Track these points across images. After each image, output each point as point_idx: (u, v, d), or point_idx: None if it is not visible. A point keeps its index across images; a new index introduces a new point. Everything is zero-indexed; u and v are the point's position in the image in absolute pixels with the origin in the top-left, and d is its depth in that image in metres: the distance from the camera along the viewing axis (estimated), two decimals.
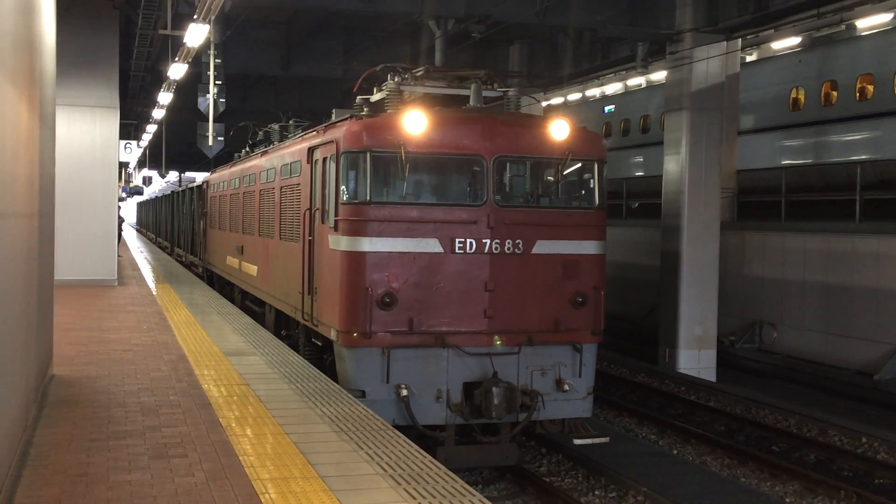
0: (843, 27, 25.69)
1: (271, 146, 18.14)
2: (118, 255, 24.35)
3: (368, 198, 10.87)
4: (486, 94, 12.26)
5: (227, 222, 21.55)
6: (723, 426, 16.22)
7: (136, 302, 19.29)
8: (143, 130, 46.07)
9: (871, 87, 21.20)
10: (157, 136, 46.17)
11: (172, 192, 44.67)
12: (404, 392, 10.68)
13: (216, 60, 24.45)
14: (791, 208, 21.81)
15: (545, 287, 11.16)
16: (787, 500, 12.19)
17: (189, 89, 28.22)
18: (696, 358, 21.56)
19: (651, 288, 24.10)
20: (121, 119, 24.93)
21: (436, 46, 22.94)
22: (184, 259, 34.60)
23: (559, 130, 11.34)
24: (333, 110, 14.27)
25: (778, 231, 21.57)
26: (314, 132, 13.45)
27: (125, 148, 32.72)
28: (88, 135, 22.24)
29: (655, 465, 13.12)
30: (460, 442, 11.20)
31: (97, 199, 22.16)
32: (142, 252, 41.12)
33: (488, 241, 10.90)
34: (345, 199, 11.10)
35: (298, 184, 13.54)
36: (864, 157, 20.72)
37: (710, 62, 22.16)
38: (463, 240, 10.85)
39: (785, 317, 20.99)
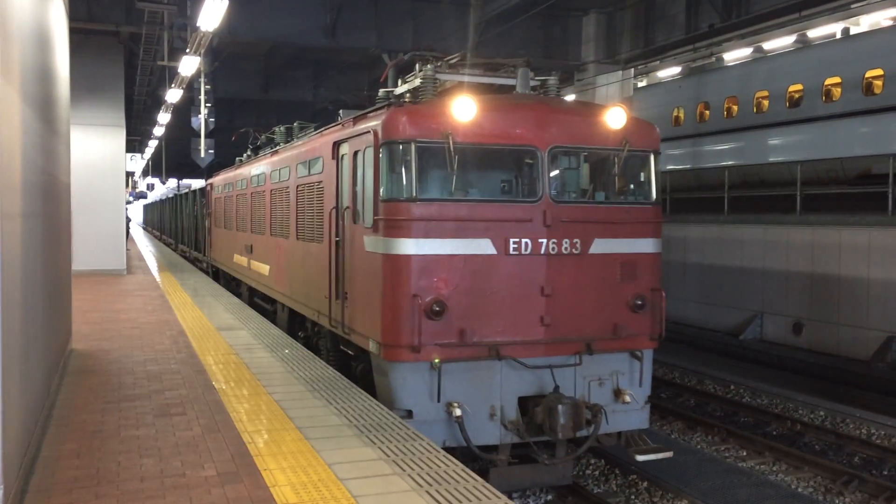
0: (714, 59, 26.17)
1: (279, 147, 15.09)
2: (126, 249, 23.97)
3: (413, 194, 8.01)
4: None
5: (234, 222, 18.59)
6: None
7: (142, 288, 18.93)
8: (146, 145, 45.22)
9: (735, 107, 21.60)
10: (157, 149, 45.33)
11: (176, 194, 42.47)
12: (457, 411, 7.96)
13: (206, 86, 24.15)
14: (674, 204, 22.17)
15: (603, 290, 8.57)
16: (674, 436, 12.39)
17: (184, 110, 27.84)
18: None
19: None
20: (127, 135, 24.61)
21: (388, 75, 22.83)
22: (188, 255, 32.33)
23: (616, 118, 8.72)
24: (341, 111, 11.55)
25: (664, 223, 21.83)
26: (338, 126, 10.36)
27: (131, 159, 32.12)
28: (100, 149, 22.09)
29: None
30: (513, 462, 8.55)
31: (108, 202, 22.09)
32: (147, 247, 40.33)
33: (545, 241, 8.27)
34: (385, 196, 8.20)
35: (320, 181, 10.63)
36: (730, 162, 21.12)
37: (610, 87, 22.56)
38: (517, 240, 8.20)
39: (672, 291, 21.38)
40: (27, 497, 5.31)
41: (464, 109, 8.07)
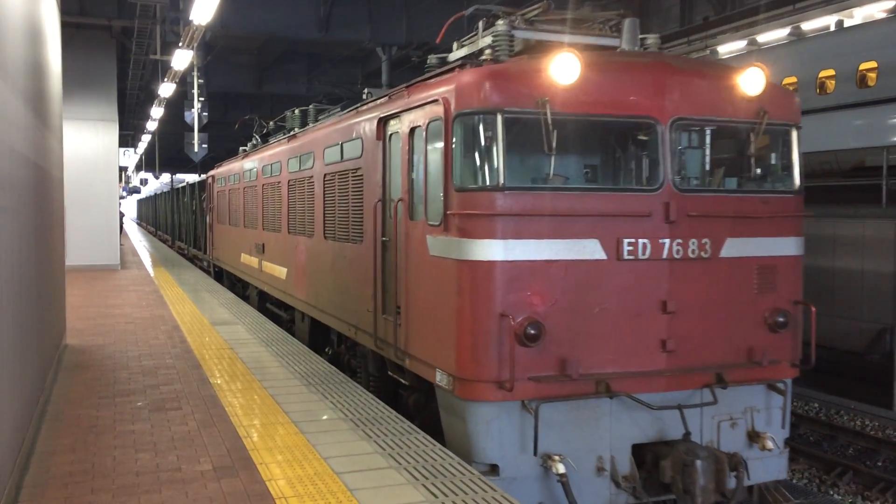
0: (708, 52, 26.24)
1: (296, 132, 12.91)
2: (120, 244, 23.93)
3: (501, 181, 6.07)
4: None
5: (241, 218, 16.48)
6: None
7: (136, 283, 18.88)
8: (139, 139, 45.05)
9: None
10: (150, 143, 45.20)
11: (172, 188, 40.94)
12: (559, 467, 6.08)
13: (199, 81, 24.09)
14: None
15: (736, 304, 6.68)
16: None
17: (177, 105, 27.79)
18: None
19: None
20: (120, 130, 24.55)
21: (382, 69, 22.82)
22: (186, 252, 30.94)
23: (753, 81, 6.70)
24: (365, 91, 9.90)
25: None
26: (383, 99, 8.34)
27: (124, 154, 32.03)
28: (92, 144, 22.06)
29: None
30: None
31: (101, 197, 22.08)
32: (141, 242, 40.25)
33: (667, 242, 6.37)
34: (460, 184, 6.28)
35: (358, 168, 8.67)
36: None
37: None
38: (633, 240, 6.30)
39: None
40: (22, 492, 5.31)
41: (565, 68, 6.09)
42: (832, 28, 22.66)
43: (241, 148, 19.08)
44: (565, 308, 6.18)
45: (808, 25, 24.82)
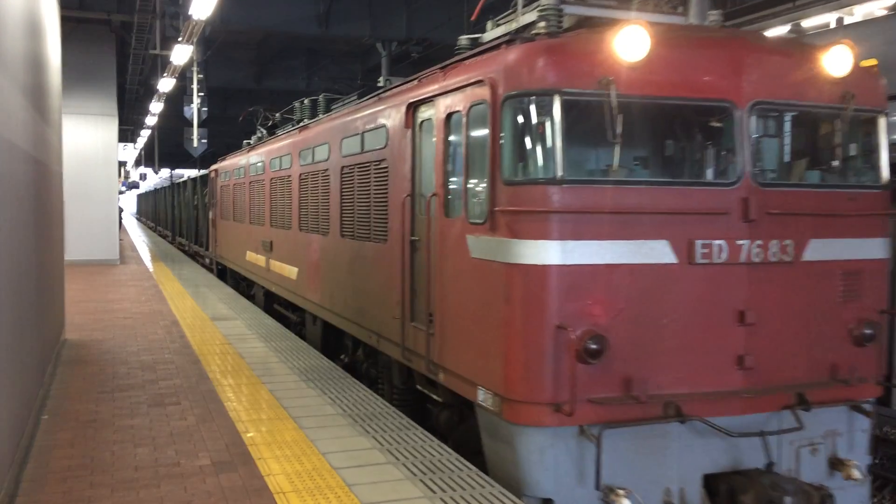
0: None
1: (306, 122, 12.17)
2: (119, 239, 23.96)
3: (559, 173, 5.30)
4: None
5: (247, 214, 15.59)
6: None
7: (135, 278, 18.89)
8: (138, 134, 45.08)
9: None
10: (150, 139, 45.18)
11: (173, 183, 39.99)
12: (625, 502, 5.31)
13: (199, 76, 24.04)
14: None
15: (819, 314, 5.91)
16: None
17: (176, 100, 27.77)
18: None
19: None
20: (119, 125, 24.58)
21: (382, 65, 22.80)
22: (187, 248, 30.13)
23: (839, 61, 5.90)
24: (381, 79, 9.28)
25: None
26: (413, 82, 7.56)
27: (123, 149, 32.02)
28: (92, 138, 22.08)
29: None
30: None
31: (101, 192, 22.14)
32: (141, 237, 40.26)
33: (745, 244, 5.59)
34: (509, 176, 5.52)
35: (382, 160, 7.90)
36: None
37: None
38: (707, 242, 5.54)
39: None
40: (21, 487, 5.32)
41: (633, 43, 5.31)
42: (832, 25, 22.54)
43: (244, 141, 18.46)
44: (630, 319, 5.41)
45: (808, 23, 24.67)
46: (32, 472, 5.60)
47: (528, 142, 5.53)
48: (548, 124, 5.36)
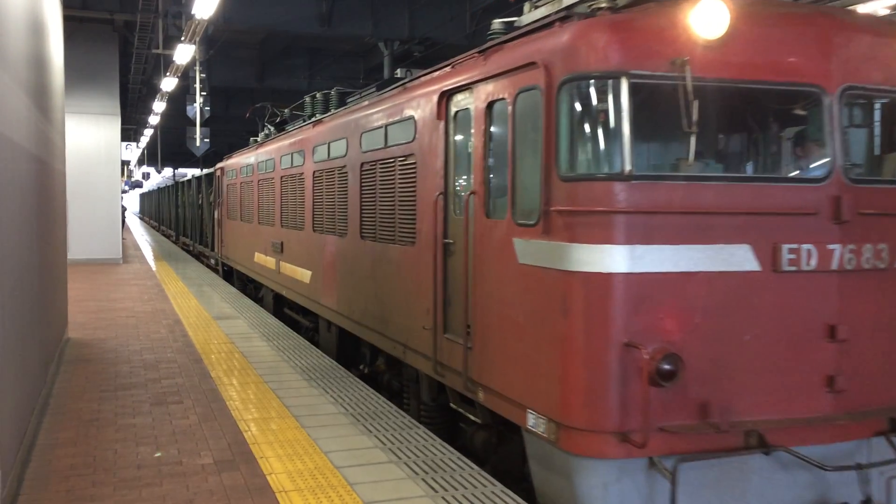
0: None
1: (318, 117, 11.44)
2: (122, 238, 24.02)
3: (627, 168, 4.62)
4: None
5: (255, 213, 14.92)
6: None
7: (138, 277, 18.91)
8: (141, 133, 45.16)
9: None
10: (153, 138, 45.25)
11: (176, 182, 39.45)
12: None
13: (201, 75, 24.09)
14: None
15: None
16: None
17: (179, 99, 27.82)
18: None
19: None
20: (122, 124, 24.61)
21: (384, 64, 22.81)
22: (191, 248, 29.54)
23: None
24: (398, 70, 8.62)
25: None
26: (446, 69, 6.82)
27: (126, 148, 32.08)
28: (94, 138, 22.14)
29: None
30: None
31: (104, 191, 22.20)
32: (143, 236, 40.32)
33: (837, 248, 4.94)
34: (567, 171, 4.86)
35: (409, 155, 7.27)
36: None
37: None
38: (795, 246, 4.88)
39: None
40: (24, 485, 5.33)
41: (711, 18, 4.65)
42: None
43: (251, 138, 17.71)
44: (707, 335, 4.76)
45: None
46: (35, 470, 5.61)
47: (590, 131, 4.86)
48: (614, 111, 4.68)
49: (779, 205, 4.87)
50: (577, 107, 4.84)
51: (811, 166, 5.11)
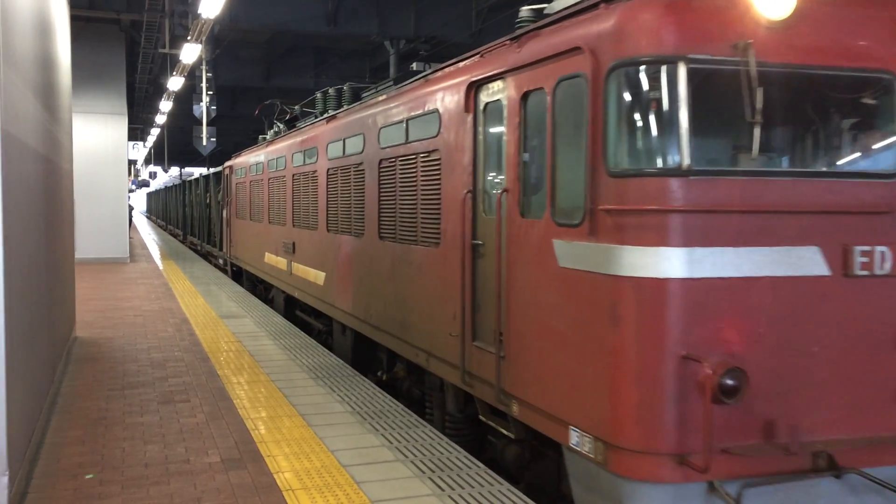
0: None
1: (331, 113, 10.97)
2: (129, 237, 24.10)
3: (685, 162, 4.18)
4: None
5: (265, 213, 14.51)
6: None
7: (145, 276, 18.97)
8: (148, 133, 45.29)
9: None
10: (159, 137, 45.38)
11: (184, 181, 39.14)
12: None
13: (208, 74, 24.13)
14: None
15: None
16: None
17: (185, 98, 27.90)
18: None
19: None
20: (129, 123, 24.71)
21: (390, 62, 22.83)
22: (199, 248, 29.38)
23: None
24: (414, 64, 8.48)
25: None
26: (475, 57, 6.39)
27: (133, 147, 32.19)
28: (101, 137, 22.21)
29: None
30: None
31: (111, 190, 22.28)
32: (151, 235, 40.43)
33: None
34: (617, 165, 4.40)
35: (433, 151, 6.84)
36: None
37: None
38: (868, 248, 4.51)
39: None
40: (32, 483, 5.35)
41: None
42: None
43: (260, 136, 17.26)
44: (773, 347, 4.33)
45: None
46: (43, 468, 5.64)
47: (642, 122, 4.38)
48: (669, 99, 4.22)
49: (848, 203, 4.45)
50: (628, 95, 4.39)
51: (882, 160, 4.70)
